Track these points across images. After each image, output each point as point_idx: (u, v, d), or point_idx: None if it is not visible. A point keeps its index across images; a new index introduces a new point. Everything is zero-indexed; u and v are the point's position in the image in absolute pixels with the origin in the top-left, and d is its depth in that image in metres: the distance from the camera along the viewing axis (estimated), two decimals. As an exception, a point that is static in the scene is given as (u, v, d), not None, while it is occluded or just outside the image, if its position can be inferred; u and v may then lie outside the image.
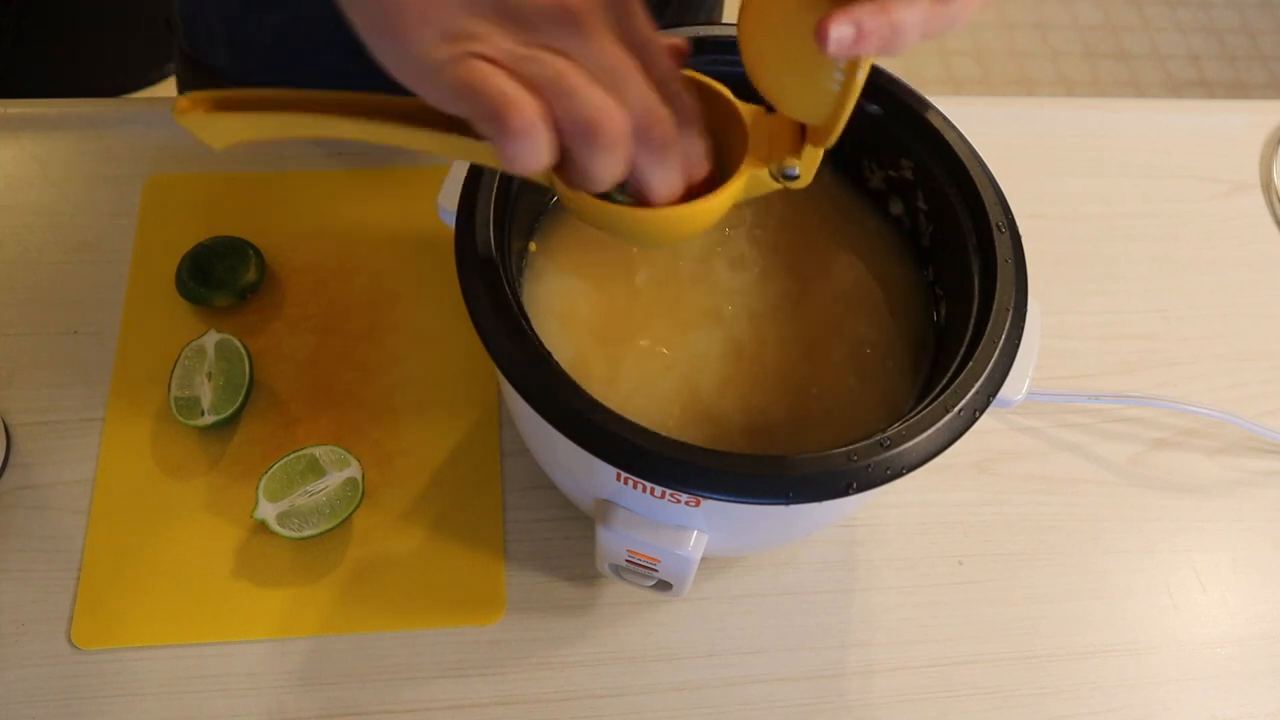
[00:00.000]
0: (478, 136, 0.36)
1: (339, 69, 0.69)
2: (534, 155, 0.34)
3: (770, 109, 0.41)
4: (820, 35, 0.33)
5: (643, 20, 0.36)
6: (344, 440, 0.59)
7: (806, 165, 0.41)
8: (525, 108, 0.33)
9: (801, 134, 0.41)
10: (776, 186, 0.41)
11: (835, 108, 0.37)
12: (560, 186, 0.39)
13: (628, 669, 0.55)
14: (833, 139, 0.39)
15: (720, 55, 0.52)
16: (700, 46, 0.52)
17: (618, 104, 0.34)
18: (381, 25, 0.35)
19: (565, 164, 0.36)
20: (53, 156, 0.68)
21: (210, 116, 0.38)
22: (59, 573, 0.55)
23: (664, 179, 0.38)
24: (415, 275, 0.65)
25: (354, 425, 0.60)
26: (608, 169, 0.36)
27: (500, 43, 0.34)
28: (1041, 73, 2.04)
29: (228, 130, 0.39)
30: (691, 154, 0.39)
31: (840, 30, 0.33)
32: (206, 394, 0.58)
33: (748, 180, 0.41)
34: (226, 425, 0.59)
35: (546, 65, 0.34)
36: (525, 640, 0.55)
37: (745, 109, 0.42)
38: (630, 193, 0.39)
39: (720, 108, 0.42)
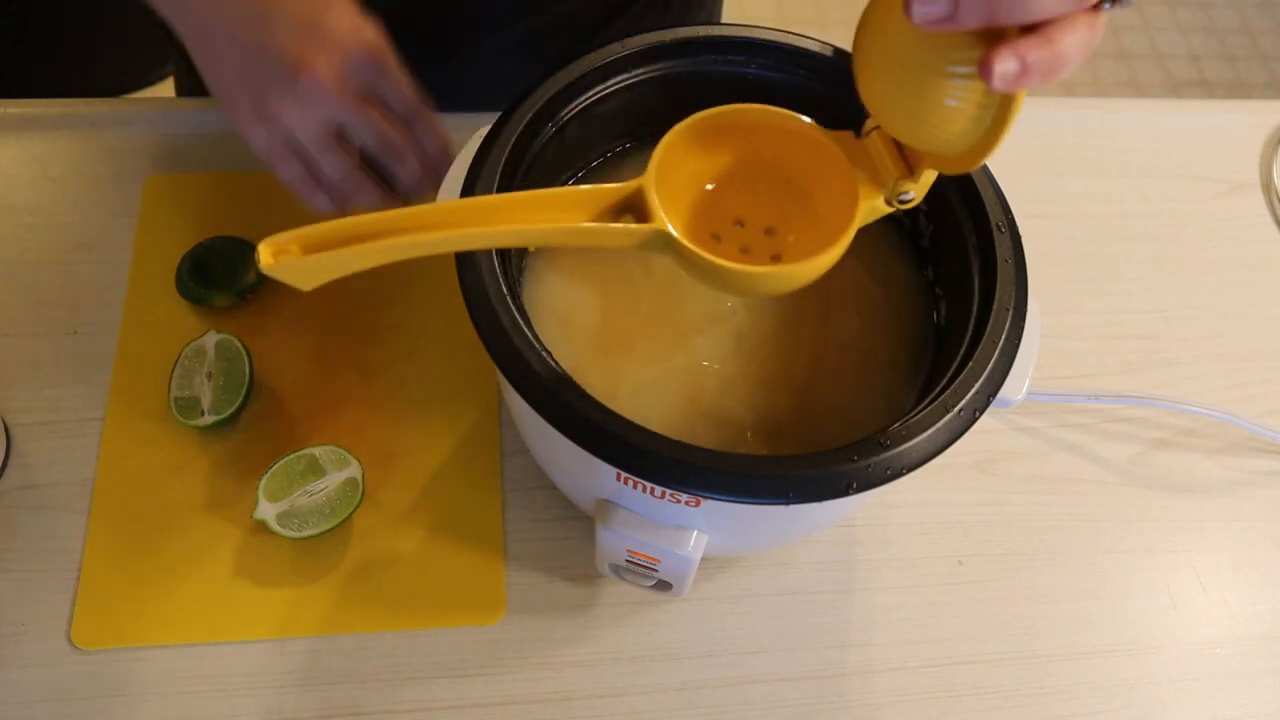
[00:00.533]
0: (608, 219, 0.39)
1: None
2: (320, 203, 0.53)
3: (858, 132, 0.41)
4: (984, 72, 0.33)
5: (393, 78, 0.52)
6: (344, 440, 0.59)
7: (923, 187, 0.40)
8: (315, 196, 0.53)
9: (900, 151, 0.40)
10: (889, 210, 0.41)
11: (985, 140, 0.36)
12: (684, 246, 0.39)
13: (628, 669, 0.55)
14: (976, 167, 0.37)
15: (720, 55, 0.52)
16: (702, 46, 0.52)
17: (352, 173, 0.52)
18: (216, 91, 0.51)
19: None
20: (53, 156, 0.68)
21: (301, 261, 0.35)
22: (59, 573, 0.55)
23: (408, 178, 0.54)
24: (415, 275, 0.65)
25: (354, 425, 0.60)
26: (362, 198, 0.53)
27: (295, 130, 0.50)
28: (1041, 73, 2.04)
29: (321, 270, 0.35)
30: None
31: (1005, 65, 0.32)
32: (206, 394, 0.58)
33: (865, 211, 0.40)
34: (226, 425, 0.59)
35: (324, 159, 0.51)
36: (525, 640, 0.55)
37: (836, 139, 0.41)
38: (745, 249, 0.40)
39: (811, 145, 0.41)
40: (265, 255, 0.34)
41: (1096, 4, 0.33)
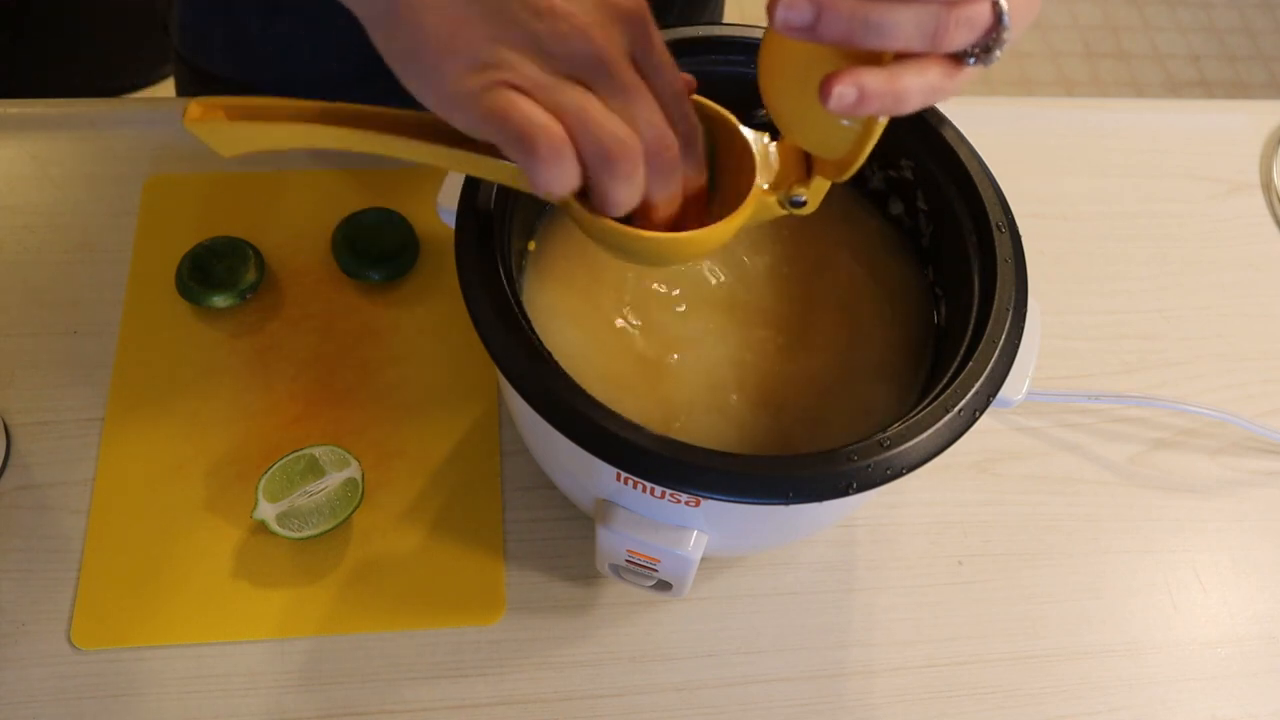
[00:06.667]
0: (499, 155, 0.37)
1: (340, 77, 0.70)
2: (561, 179, 0.36)
3: (775, 136, 0.42)
4: (823, 92, 0.34)
5: (659, 48, 0.38)
6: (344, 440, 0.59)
7: (814, 194, 0.41)
8: (553, 134, 0.35)
9: (807, 162, 0.41)
10: (783, 213, 0.42)
11: (852, 150, 0.38)
12: (576, 209, 0.40)
13: (628, 669, 0.55)
14: (846, 176, 0.39)
15: (720, 55, 0.52)
16: (703, 46, 0.52)
17: (633, 133, 0.36)
18: (410, 52, 0.36)
19: (586, 189, 0.38)
20: (53, 156, 0.68)
21: (222, 125, 0.37)
22: (59, 573, 0.55)
23: (666, 197, 0.39)
24: (415, 274, 0.65)
25: (354, 425, 0.60)
26: (625, 194, 0.38)
27: (526, 71, 0.36)
28: (1041, 73, 2.04)
29: (239, 139, 0.38)
30: (692, 172, 0.40)
31: (843, 90, 0.34)
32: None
33: (756, 206, 0.41)
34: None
35: (570, 95, 0.36)
36: (525, 640, 0.55)
37: (751, 136, 0.42)
38: (635, 214, 0.40)
39: (726, 134, 0.43)
40: (194, 111, 0.36)
41: (958, 57, 0.35)
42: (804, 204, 0.41)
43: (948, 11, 0.33)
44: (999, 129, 0.77)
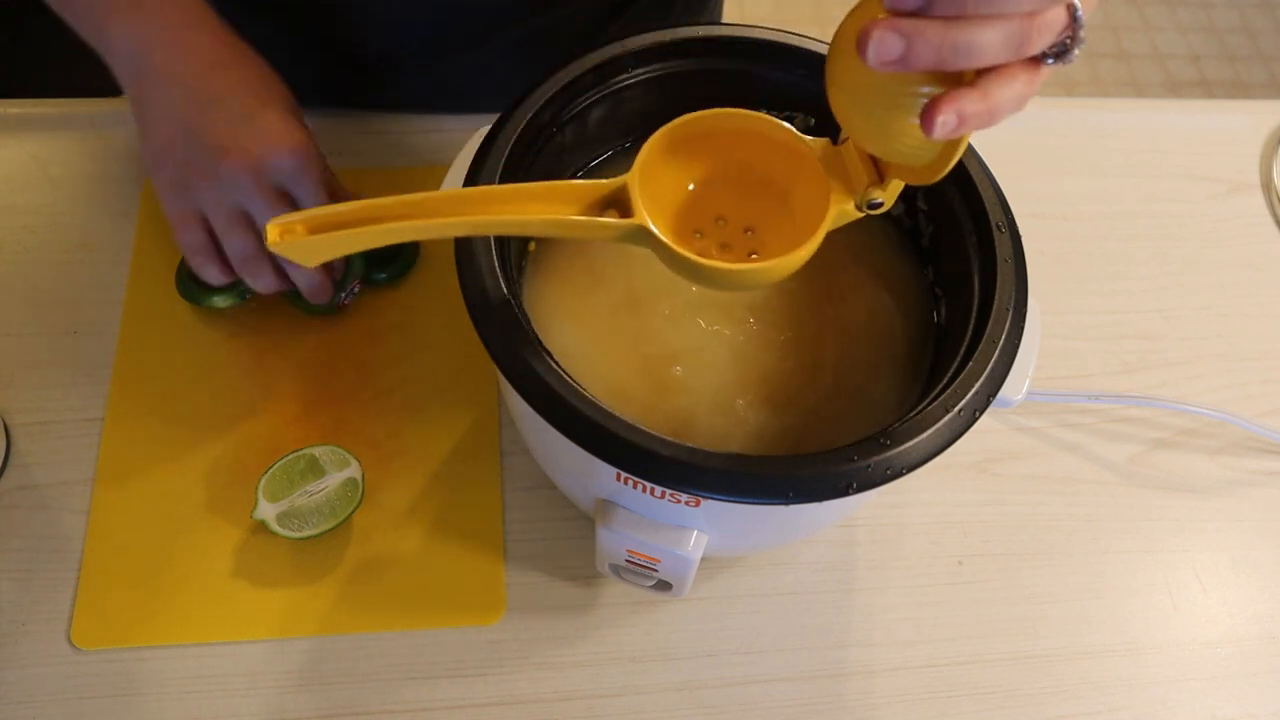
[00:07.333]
0: (572, 213, 0.41)
1: (325, 78, 0.70)
2: (216, 277, 0.58)
3: (835, 140, 0.42)
4: (926, 123, 0.35)
5: (308, 178, 0.55)
6: (344, 440, 0.59)
7: (891, 195, 0.41)
8: (209, 266, 0.57)
9: (873, 160, 0.41)
10: (860, 215, 0.42)
11: (942, 157, 0.38)
12: (661, 246, 0.41)
13: (628, 669, 0.55)
14: (938, 179, 0.39)
15: (720, 55, 0.52)
16: (702, 47, 0.52)
17: (252, 247, 0.56)
18: (145, 150, 0.56)
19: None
20: (53, 156, 0.68)
21: (302, 240, 0.38)
22: (59, 573, 0.55)
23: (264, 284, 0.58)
24: (415, 274, 0.65)
25: (354, 425, 0.60)
26: (259, 280, 0.58)
27: (205, 195, 0.55)
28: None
29: (322, 249, 0.39)
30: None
31: (945, 119, 0.35)
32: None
33: (835, 215, 0.41)
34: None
35: (219, 223, 0.55)
36: (525, 640, 0.55)
37: (814, 145, 0.42)
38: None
39: (788, 147, 0.43)
40: (272, 234, 0.37)
41: (1036, 58, 0.36)
42: (881, 205, 0.41)
43: (1030, 21, 0.34)
44: (999, 129, 0.76)
